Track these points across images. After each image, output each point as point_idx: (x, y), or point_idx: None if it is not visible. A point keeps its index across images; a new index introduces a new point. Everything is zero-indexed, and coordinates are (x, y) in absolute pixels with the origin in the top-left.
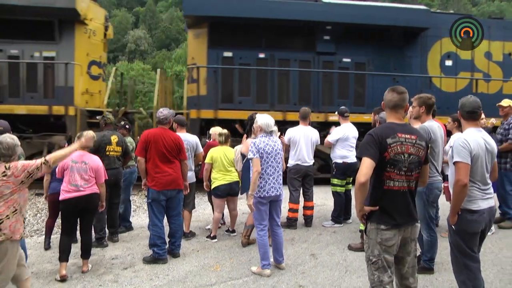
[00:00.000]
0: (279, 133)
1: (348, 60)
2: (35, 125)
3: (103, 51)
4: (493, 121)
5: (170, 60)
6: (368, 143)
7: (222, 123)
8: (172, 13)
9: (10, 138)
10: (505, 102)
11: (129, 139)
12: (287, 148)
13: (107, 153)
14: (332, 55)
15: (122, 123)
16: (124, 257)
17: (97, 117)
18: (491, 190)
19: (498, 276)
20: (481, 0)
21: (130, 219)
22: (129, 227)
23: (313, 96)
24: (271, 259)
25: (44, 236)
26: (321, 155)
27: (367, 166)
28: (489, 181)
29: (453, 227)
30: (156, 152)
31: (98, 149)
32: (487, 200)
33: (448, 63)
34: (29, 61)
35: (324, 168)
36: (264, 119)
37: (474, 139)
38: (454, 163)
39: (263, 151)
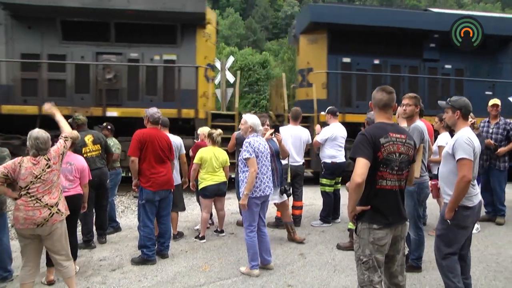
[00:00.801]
0: (272, 131)
1: (449, 66)
2: None
3: (214, 54)
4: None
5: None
6: (362, 143)
7: (347, 126)
8: None
9: (44, 132)
10: (493, 101)
11: (113, 140)
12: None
13: (85, 155)
14: (436, 62)
15: (104, 124)
16: (112, 259)
17: (68, 120)
18: (478, 185)
19: (483, 273)
20: (466, 2)
21: (118, 220)
22: (117, 228)
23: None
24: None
25: None
26: None
27: (362, 166)
28: None
29: (448, 221)
30: (152, 152)
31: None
32: (477, 196)
33: None
34: (164, 65)
35: None
36: (253, 119)
37: (474, 137)
38: (459, 159)
39: (258, 151)
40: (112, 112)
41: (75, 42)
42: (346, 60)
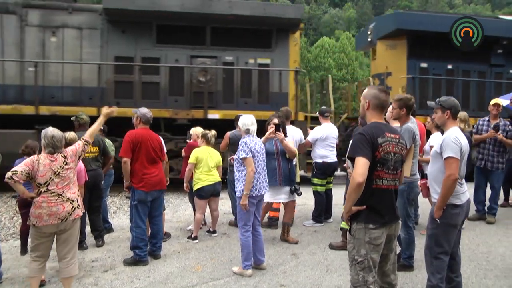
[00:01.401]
0: (272, 130)
1: None
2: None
3: (299, 59)
4: None
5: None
6: (361, 142)
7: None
8: None
9: (57, 131)
10: (493, 101)
11: (107, 141)
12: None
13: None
14: (502, 67)
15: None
16: (105, 260)
17: (71, 118)
18: (465, 184)
19: (474, 271)
20: (457, 3)
21: (110, 220)
22: (109, 229)
23: (487, 103)
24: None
25: (20, 240)
26: None
27: (363, 166)
28: None
29: (437, 220)
30: (145, 153)
31: None
32: (465, 194)
33: None
34: (259, 68)
35: None
36: (243, 119)
37: (462, 137)
38: (446, 158)
39: (254, 150)
40: (214, 115)
41: (169, 45)
42: (424, 65)
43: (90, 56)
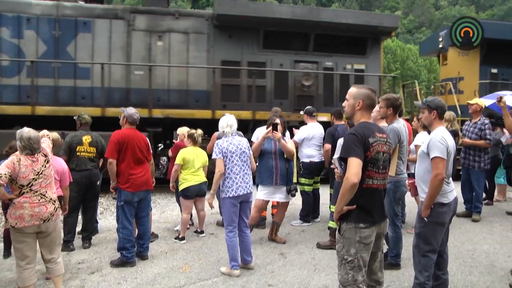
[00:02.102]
0: (269, 129)
1: None
2: None
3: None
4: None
5: None
6: (353, 142)
7: None
8: None
9: (33, 131)
10: (473, 100)
11: None
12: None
13: (78, 153)
14: None
15: None
16: (91, 261)
17: (73, 117)
18: (453, 183)
19: (460, 268)
20: (443, 4)
21: (98, 221)
22: (95, 230)
23: None
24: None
25: (3, 243)
26: None
27: (357, 166)
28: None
29: (425, 219)
30: (132, 153)
31: (69, 149)
32: (452, 192)
33: None
34: (356, 74)
35: None
36: (222, 120)
37: (449, 136)
38: (433, 158)
39: (226, 151)
40: (323, 117)
41: (274, 50)
42: (494, 70)
43: (197, 60)
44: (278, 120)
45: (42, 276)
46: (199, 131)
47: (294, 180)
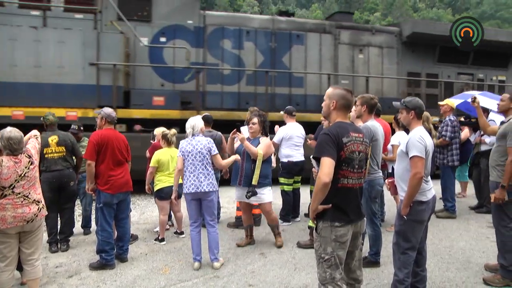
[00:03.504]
0: (234, 130)
1: None
2: None
3: None
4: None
5: None
6: (326, 142)
7: None
8: None
9: (16, 131)
10: (444, 101)
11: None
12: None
13: (46, 155)
14: None
15: (73, 126)
16: (69, 264)
17: (41, 119)
18: (431, 181)
19: (437, 265)
20: (421, 6)
21: (76, 224)
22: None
23: None
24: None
25: None
26: None
27: (329, 166)
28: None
29: (404, 217)
30: (111, 154)
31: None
32: (430, 190)
33: None
34: (500, 84)
35: None
36: (189, 121)
37: (427, 136)
38: (412, 157)
39: (184, 151)
40: None
41: (445, 64)
42: None
43: (389, 71)
44: (255, 119)
45: (17, 281)
46: (173, 131)
47: (254, 182)
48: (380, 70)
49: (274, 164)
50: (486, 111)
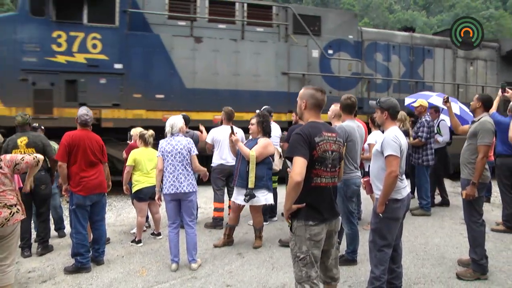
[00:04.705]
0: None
1: None
2: None
3: None
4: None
5: None
6: (298, 142)
7: None
8: None
9: None
10: (417, 103)
11: (52, 143)
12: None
13: None
14: None
15: (36, 124)
16: (43, 269)
17: None
18: (406, 179)
19: (413, 261)
20: (397, 8)
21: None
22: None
23: None
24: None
25: None
26: None
27: (300, 165)
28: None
29: (380, 215)
30: (83, 155)
31: (5, 154)
32: (405, 189)
33: None
34: None
35: None
36: (167, 121)
37: (401, 135)
38: (387, 156)
39: (164, 150)
40: None
41: None
42: None
43: (490, 81)
44: (254, 120)
45: None
46: (150, 132)
47: (251, 185)
48: (484, 80)
49: (277, 167)
50: (438, 111)
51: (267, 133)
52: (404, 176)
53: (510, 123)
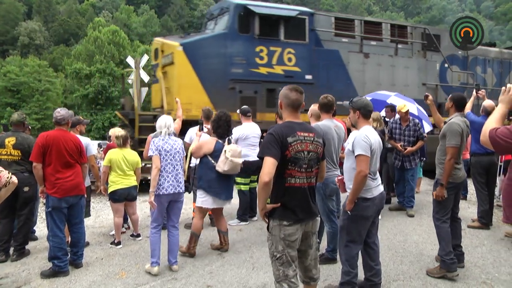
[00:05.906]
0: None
1: None
2: None
3: None
4: None
5: (69, 56)
6: (269, 142)
7: None
8: (71, 5)
9: None
10: (399, 106)
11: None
12: None
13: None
14: None
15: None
16: (18, 274)
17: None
18: (379, 178)
19: (392, 258)
20: (375, 9)
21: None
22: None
23: None
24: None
25: None
26: None
27: (269, 166)
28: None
29: (348, 212)
30: (58, 156)
31: None
32: (377, 187)
33: None
34: None
35: None
36: (158, 121)
37: (373, 135)
38: (357, 155)
39: (161, 149)
40: None
41: None
42: None
43: None
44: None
45: None
46: (124, 132)
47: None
48: None
49: (220, 168)
50: (394, 110)
51: (217, 133)
52: (377, 175)
53: (483, 127)
